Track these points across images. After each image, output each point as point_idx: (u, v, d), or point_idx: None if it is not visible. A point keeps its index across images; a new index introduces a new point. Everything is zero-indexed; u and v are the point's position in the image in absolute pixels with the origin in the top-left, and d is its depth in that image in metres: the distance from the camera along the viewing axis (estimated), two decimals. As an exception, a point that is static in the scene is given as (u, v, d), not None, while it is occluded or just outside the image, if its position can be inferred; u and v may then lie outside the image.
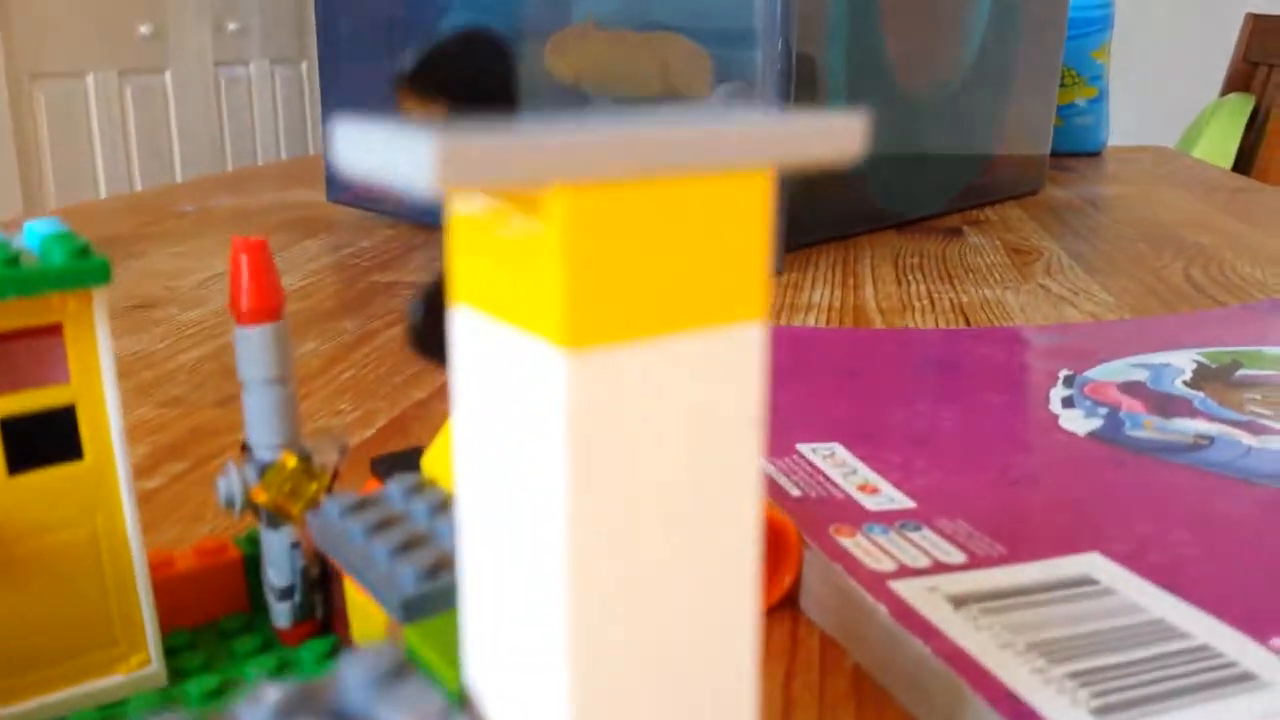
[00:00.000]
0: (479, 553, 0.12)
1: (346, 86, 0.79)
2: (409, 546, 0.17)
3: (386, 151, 0.09)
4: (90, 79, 2.11)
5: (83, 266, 0.19)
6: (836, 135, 0.10)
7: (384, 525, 0.18)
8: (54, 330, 0.20)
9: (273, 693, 0.11)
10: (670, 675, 0.11)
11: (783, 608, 0.25)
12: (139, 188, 2.19)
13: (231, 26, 2.45)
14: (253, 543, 0.23)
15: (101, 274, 0.19)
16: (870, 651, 0.23)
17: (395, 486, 0.19)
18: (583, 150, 0.09)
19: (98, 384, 0.20)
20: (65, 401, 0.20)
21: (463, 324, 0.12)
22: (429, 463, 0.20)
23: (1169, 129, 1.34)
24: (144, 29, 2.22)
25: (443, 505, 0.18)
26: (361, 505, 0.19)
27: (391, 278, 0.61)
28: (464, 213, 0.12)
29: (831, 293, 0.56)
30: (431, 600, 0.16)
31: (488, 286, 0.11)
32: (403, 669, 0.12)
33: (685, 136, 0.10)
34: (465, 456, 0.12)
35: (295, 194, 0.94)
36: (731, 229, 0.10)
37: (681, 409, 0.11)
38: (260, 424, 0.22)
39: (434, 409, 0.39)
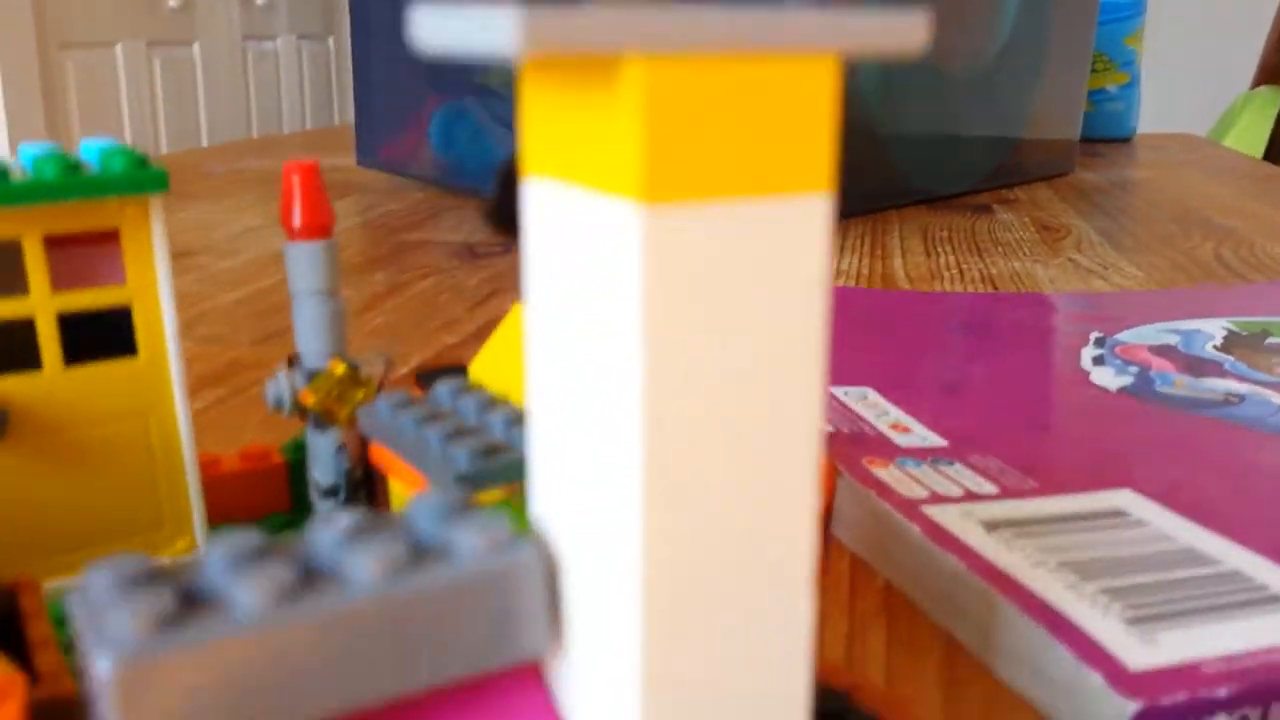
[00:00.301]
0: (551, 405, 0.12)
1: (378, 62, 0.80)
2: (459, 434, 0.18)
3: (469, 24, 0.10)
4: (119, 49, 2.12)
5: (142, 175, 0.20)
6: (899, 30, 0.11)
7: (434, 418, 0.18)
8: (112, 235, 0.20)
9: (345, 519, 0.12)
10: (735, 525, 0.11)
11: (814, 536, 0.25)
12: (166, 158, 2.21)
13: (259, 1, 2.46)
14: (297, 449, 0.23)
15: (159, 182, 0.20)
16: (902, 570, 0.23)
17: (443, 388, 0.20)
18: (659, 24, 0.10)
19: (153, 287, 0.21)
20: (121, 301, 0.20)
21: (537, 194, 0.12)
22: (476, 370, 0.21)
23: (1198, 120, 1.34)
24: (173, 1, 2.23)
25: (490, 403, 0.19)
26: (411, 402, 0.19)
27: (422, 237, 0.62)
28: (537, 87, 0.12)
29: (860, 261, 0.56)
30: (485, 477, 0.16)
31: (562, 155, 0.11)
32: (470, 505, 0.12)
33: (755, 19, 0.10)
34: (538, 319, 0.12)
35: (323, 159, 0.94)
36: (798, 107, 0.11)
37: (751, 269, 0.11)
38: (309, 334, 0.22)
39: (467, 352, 0.40)
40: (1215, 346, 0.37)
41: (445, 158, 0.77)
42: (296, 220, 0.21)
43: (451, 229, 0.64)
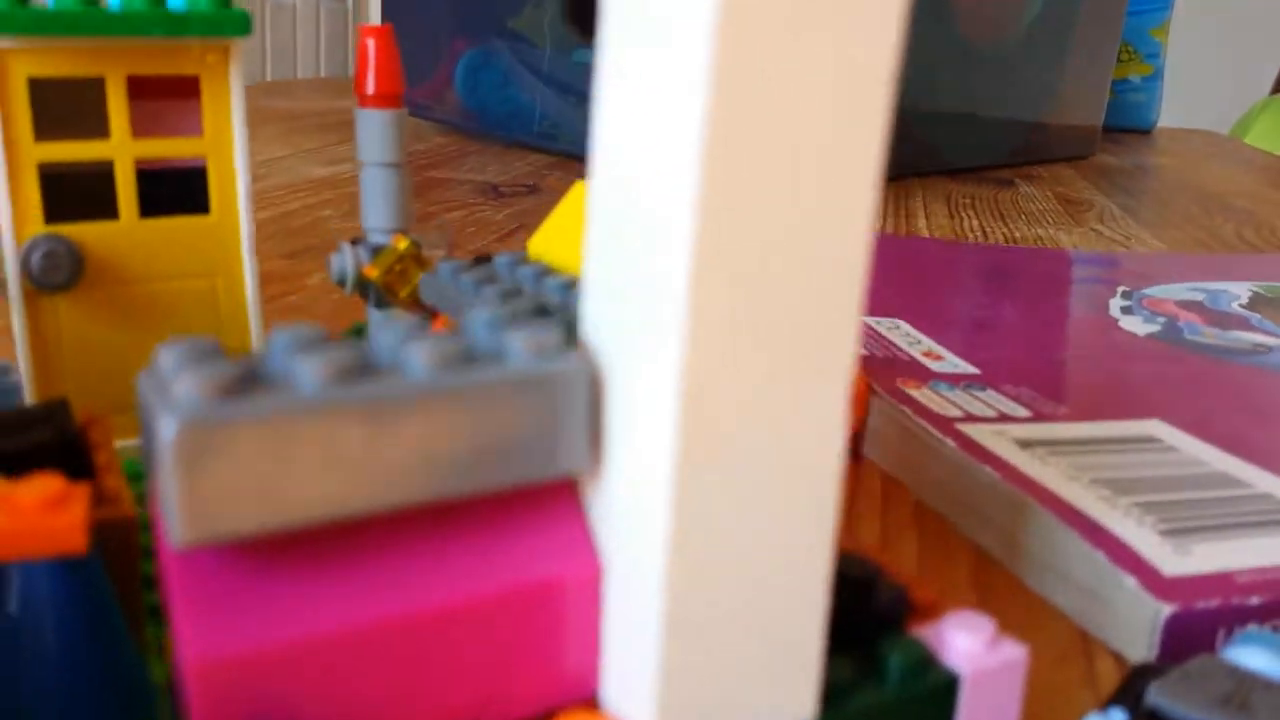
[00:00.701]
0: (608, 211, 0.12)
1: (407, 4, 0.80)
2: (515, 294, 0.18)
3: None
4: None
5: (225, 14, 0.20)
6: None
7: (493, 280, 0.19)
8: (192, 85, 0.20)
9: (406, 322, 0.12)
10: (778, 305, 0.11)
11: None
12: (180, 103, 2.20)
13: (281, -48, 2.44)
14: (358, 332, 0.24)
15: (242, 24, 0.20)
16: (934, 486, 0.23)
17: (502, 259, 0.20)
18: None
19: (229, 143, 0.21)
20: (198, 153, 0.20)
21: None
22: (534, 247, 0.21)
23: (1214, 123, 1.33)
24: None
25: (547, 271, 0.19)
26: (470, 268, 0.19)
27: (447, 174, 0.62)
28: None
29: (884, 222, 0.56)
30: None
31: None
32: (523, 317, 0.12)
33: None
34: (607, 114, 0.12)
35: (343, 101, 0.94)
36: None
37: (823, 38, 0.11)
38: (375, 207, 0.22)
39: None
40: (1241, 305, 0.37)
41: (470, 103, 0.76)
42: (370, 86, 0.21)
43: (475, 170, 0.64)
